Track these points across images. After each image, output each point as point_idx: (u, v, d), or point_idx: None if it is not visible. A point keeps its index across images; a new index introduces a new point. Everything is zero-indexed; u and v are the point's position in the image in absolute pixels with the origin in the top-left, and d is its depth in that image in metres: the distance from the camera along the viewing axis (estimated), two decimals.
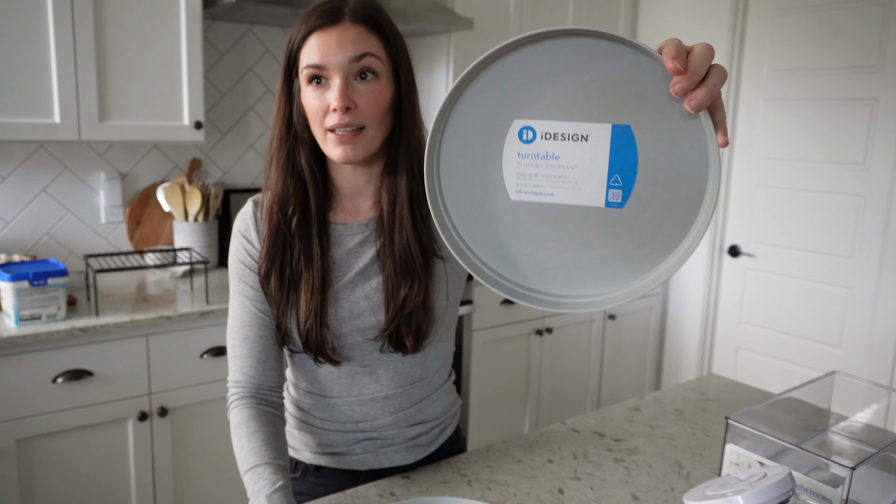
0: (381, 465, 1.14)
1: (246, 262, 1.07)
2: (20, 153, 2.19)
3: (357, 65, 0.95)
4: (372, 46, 0.97)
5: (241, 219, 1.09)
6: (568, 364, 3.02)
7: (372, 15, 0.98)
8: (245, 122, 2.60)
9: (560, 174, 0.76)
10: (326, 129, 0.97)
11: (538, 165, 0.77)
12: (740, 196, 3.03)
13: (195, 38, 2.13)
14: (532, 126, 0.76)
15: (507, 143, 0.77)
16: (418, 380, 1.12)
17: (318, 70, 0.95)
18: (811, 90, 2.75)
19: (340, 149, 0.97)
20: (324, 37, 0.95)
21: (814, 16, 2.72)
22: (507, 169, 0.78)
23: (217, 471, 2.09)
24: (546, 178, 0.77)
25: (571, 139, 0.75)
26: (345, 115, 0.95)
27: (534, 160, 0.77)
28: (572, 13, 3.04)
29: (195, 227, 2.34)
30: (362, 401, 1.10)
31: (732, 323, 3.11)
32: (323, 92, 0.96)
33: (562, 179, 0.76)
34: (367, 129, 0.97)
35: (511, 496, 1.05)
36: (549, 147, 0.76)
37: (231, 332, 1.07)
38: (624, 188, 0.75)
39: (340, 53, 0.94)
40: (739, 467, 0.97)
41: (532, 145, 0.76)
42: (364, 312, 1.05)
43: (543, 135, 0.76)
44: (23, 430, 1.76)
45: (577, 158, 0.75)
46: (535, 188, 0.78)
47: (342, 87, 0.94)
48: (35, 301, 1.76)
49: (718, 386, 1.53)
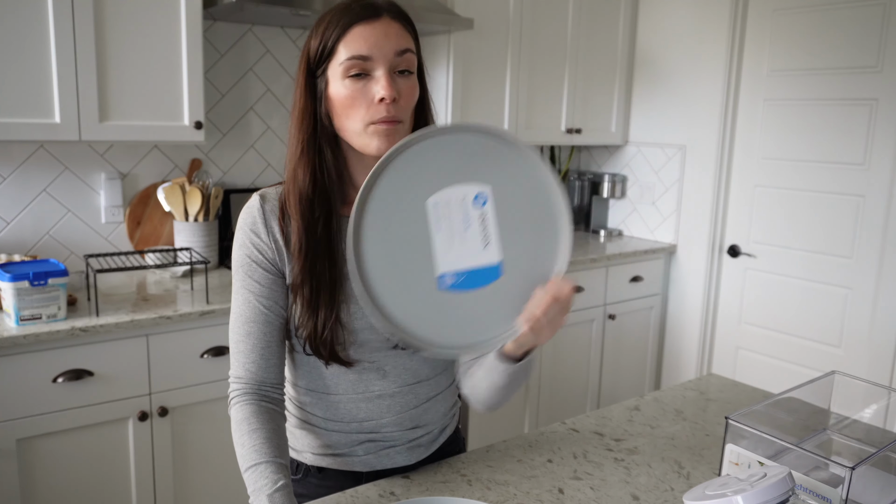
0: (383, 465, 1.14)
1: (253, 257, 1.05)
2: (20, 153, 2.19)
3: (400, 59, 0.97)
4: (410, 44, 0.99)
5: (248, 213, 1.06)
6: (568, 364, 3.02)
7: (405, 14, 1.01)
8: (245, 122, 2.61)
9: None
10: (370, 121, 0.97)
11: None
12: (740, 196, 3.03)
13: (195, 38, 2.13)
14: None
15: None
16: (425, 378, 1.12)
17: (362, 62, 0.96)
18: (811, 90, 2.75)
19: (385, 140, 0.97)
20: (368, 29, 0.96)
21: (814, 16, 2.72)
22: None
23: (217, 471, 2.09)
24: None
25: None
26: (391, 106, 0.96)
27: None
28: (572, 13, 3.04)
29: (195, 227, 2.34)
30: (368, 398, 1.10)
31: (732, 323, 3.11)
32: (364, 84, 0.97)
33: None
34: (403, 122, 0.99)
35: (511, 496, 1.05)
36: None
37: (234, 328, 1.06)
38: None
39: (387, 45, 0.96)
40: (739, 467, 0.97)
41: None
42: (368, 327, 1.05)
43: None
44: (23, 430, 1.76)
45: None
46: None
47: (389, 79, 0.96)
48: (35, 301, 1.76)
49: (718, 386, 1.53)
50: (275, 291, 1.05)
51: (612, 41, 3.25)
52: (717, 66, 3.00)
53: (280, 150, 2.69)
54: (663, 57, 3.22)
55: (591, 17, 3.13)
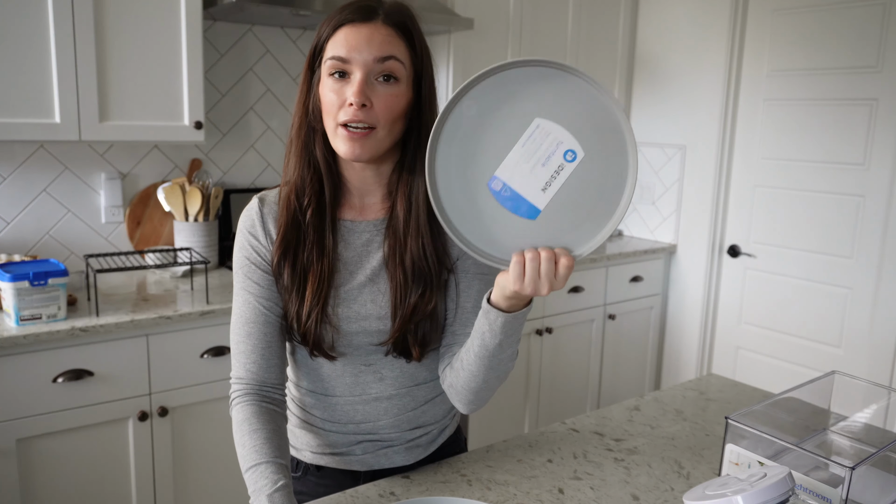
0: (382, 465, 1.14)
1: (252, 259, 1.06)
2: (21, 153, 2.19)
3: (380, 66, 0.97)
4: (398, 51, 0.98)
5: (247, 216, 1.09)
6: (568, 364, 3.02)
7: (404, 21, 1.00)
8: (245, 122, 2.61)
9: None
10: (339, 123, 0.97)
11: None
12: (740, 196, 3.03)
13: (195, 38, 2.13)
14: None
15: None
16: (423, 382, 1.13)
17: (341, 63, 0.97)
18: (811, 91, 2.75)
19: (349, 145, 0.97)
20: (353, 32, 0.97)
21: (813, 16, 2.72)
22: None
23: (217, 471, 2.09)
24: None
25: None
26: (359, 111, 0.96)
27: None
28: (572, 13, 3.04)
29: (195, 227, 2.34)
30: (365, 400, 1.10)
31: (732, 323, 3.11)
32: (342, 86, 0.97)
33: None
34: (377, 129, 0.98)
35: (511, 496, 1.05)
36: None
37: (235, 329, 1.07)
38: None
39: (367, 50, 0.96)
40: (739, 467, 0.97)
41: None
42: (370, 316, 1.06)
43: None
44: (23, 430, 1.76)
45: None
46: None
47: (361, 84, 0.96)
48: (35, 301, 1.76)
49: (718, 386, 1.53)
50: (274, 292, 1.06)
51: (612, 41, 3.25)
52: (716, 66, 3.01)
53: (280, 150, 2.69)
54: (663, 57, 3.22)
55: (591, 17, 3.13)
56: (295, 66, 2.67)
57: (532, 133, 0.87)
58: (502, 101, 0.87)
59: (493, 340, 0.98)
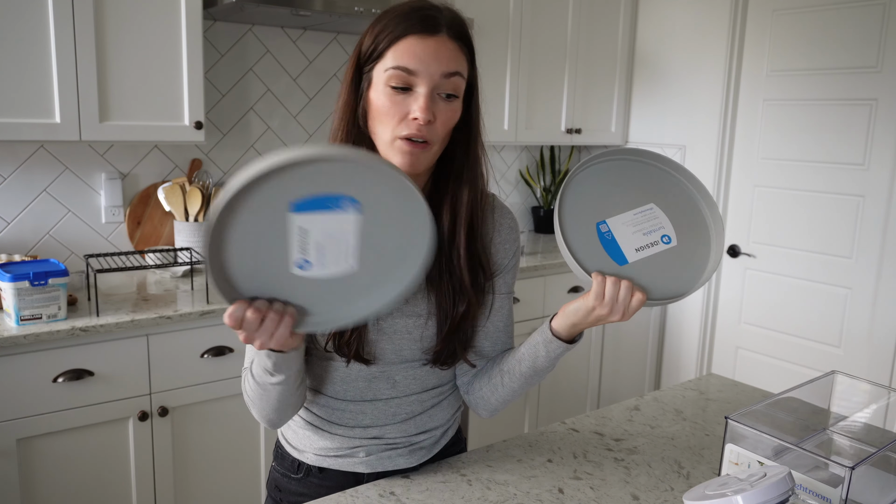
0: (385, 467, 1.14)
1: None
2: (21, 153, 2.20)
3: (446, 81, 0.95)
4: (461, 67, 0.96)
5: None
6: (568, 364, 3.02)
7: (466, 34, 0.98)
8: (245, 122, 2.61)
9: None
10: (398, 136, 0.95)
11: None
12: (740, 196, 3.03)
13: (195, 38, 2.13)
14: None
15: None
16: (432, 387, 1.13)
17: (406, 75, 0.93)
18: (811, 91, 2.75)
19: (408, 158, 0.95)
20: (421, 43, 0.93)
21: (814, 16, 2.72)
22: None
23: (217, 471, 2.09)
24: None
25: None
26: (424, 126, 0.94)
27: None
28: (572, 13, 3.04)
29: (196, 227, 2.34)
30: (375, 405, 1.10)
31: (732, 323, 3.11)
32: (405, 98, 0.94)
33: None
34: (433, 144, 0.97)
35: (511, 496, 1.05)
36: None
37: None
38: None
39: (434, 65, 0.93)
40: (739, 467, 0.97)
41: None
42: (404, 342, 1.06)
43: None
44: (23, 430, 1.76)
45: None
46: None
47: (427, 100, 0.93)
48: (35, 301, 1.76)
49: (718, 386, 1.53)
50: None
51: (612, 41, 3.25)
52: (716, 66, 3.01)
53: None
54: (663, 57, 3.22)
55: (591, 17, 3.13)
56: (295, 66, 2.67)
57: (644, 210, 1.05)
58: (634, 176, 1.05)
59: (545, 365, 1.06)
